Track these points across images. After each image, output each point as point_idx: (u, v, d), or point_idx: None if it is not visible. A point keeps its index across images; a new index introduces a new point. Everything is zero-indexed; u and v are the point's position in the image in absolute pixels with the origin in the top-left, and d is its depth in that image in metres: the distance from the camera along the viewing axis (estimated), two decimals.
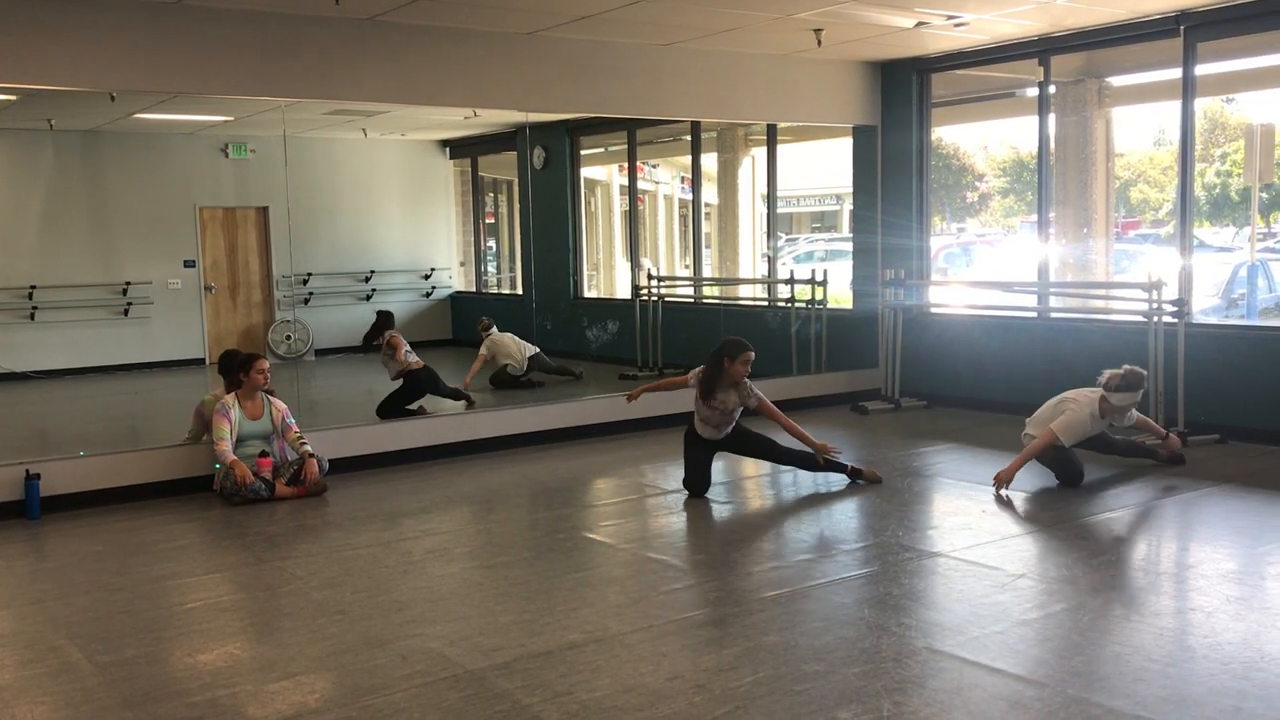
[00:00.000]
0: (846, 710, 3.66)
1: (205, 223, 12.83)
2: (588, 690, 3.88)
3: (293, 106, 8.44)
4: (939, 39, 9.12)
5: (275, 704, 3.85)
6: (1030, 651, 4.22)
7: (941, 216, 18.05)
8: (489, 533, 6.41)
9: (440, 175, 14.32)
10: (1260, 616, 4.50)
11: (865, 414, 9.71)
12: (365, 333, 10.09)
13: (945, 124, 11.29)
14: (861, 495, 6.98)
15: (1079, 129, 10.36)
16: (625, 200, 13.63)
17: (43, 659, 4.36)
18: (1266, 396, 7.89)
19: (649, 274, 12.50)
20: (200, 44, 7.16)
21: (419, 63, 7.97)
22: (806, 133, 11.83)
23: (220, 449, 6.90)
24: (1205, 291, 11.27)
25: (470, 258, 14.60)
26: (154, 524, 6.46)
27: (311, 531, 6.32)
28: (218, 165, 12.85)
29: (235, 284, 13.00)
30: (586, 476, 7.68)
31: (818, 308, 10.64)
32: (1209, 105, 16.46)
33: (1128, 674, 3.93)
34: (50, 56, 6.74)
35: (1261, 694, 3.74)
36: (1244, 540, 5.66)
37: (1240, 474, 7.05)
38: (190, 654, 4.38)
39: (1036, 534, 5.86)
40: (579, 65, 8.66)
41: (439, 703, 3.81)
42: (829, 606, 4.75)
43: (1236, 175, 16.86)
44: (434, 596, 5.02)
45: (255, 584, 5.35)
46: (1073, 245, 10.64)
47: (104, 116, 11.13)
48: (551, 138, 12.92)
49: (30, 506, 6.62)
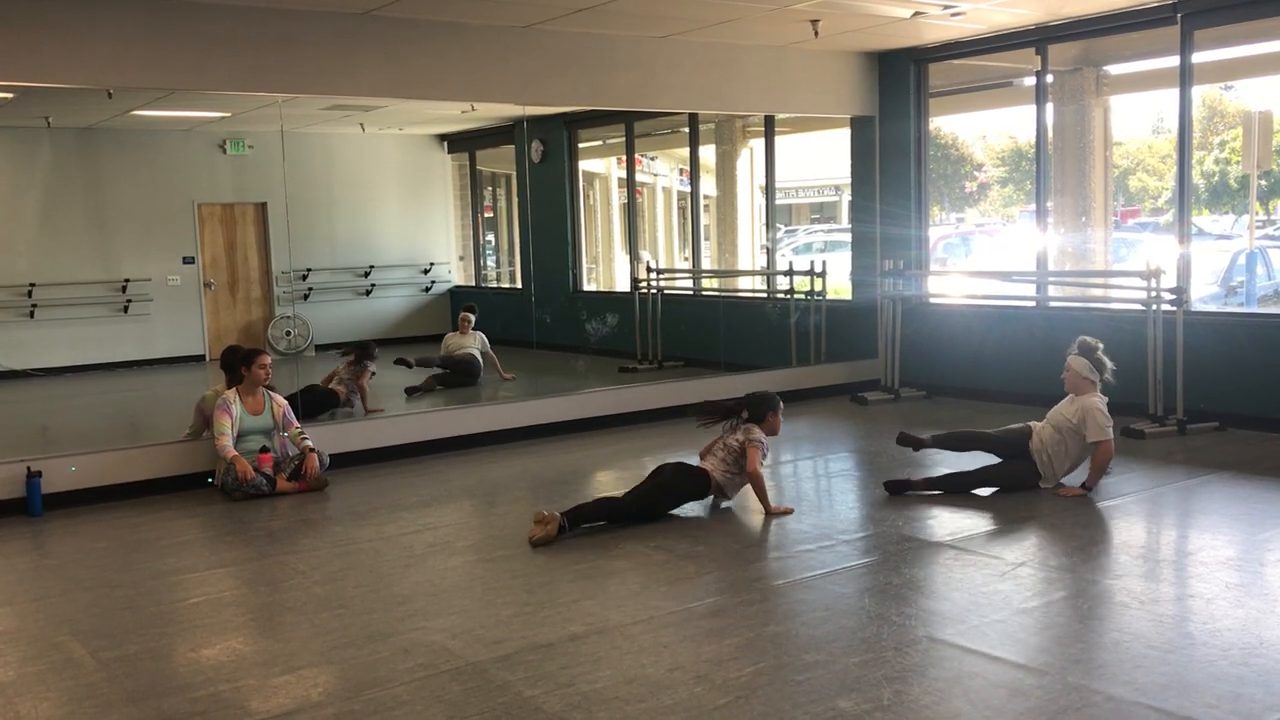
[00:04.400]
0: (847, 699, 3.67)
1: (204, 219, 12.83)
2: (589, 682, 3.89)
3: (290, 102, 8.43)
4: (936, 29, 9.11)
5: (278, 698, 3.86)
6: (1030, 639, 4.24)
7: (940, 206, 18.04)
8: (490, 526, 6.42)
9: (438, 169, 14.32)
10: (1259, 603, 4.51)
11: (865, 404, 9.72)
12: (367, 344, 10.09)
13: (943, 114, 11.28)
14: (861, 486, 7.00)
15: (1077, 118, 10.34)
16: (624, 193, 13.62)
17: (46, 655, 4.37)
18: (1265, 384, 7.90)
19: (648, 267, 12.50)
20: (197, 40, 7.16)
21: (416, 57, 7.97)
22: (804, 124, 11.83)
23: (221, 444, 6.91)
24: (1204, 279, 11.27)
25: (469, 252, 14.61)
26: (156, 520, 6.47)
27: (313, 526, 6.33)
28: (216, 161, 12.84)
29: (234, 280, 13.01)
30: (587, 469, 7.69)
31: (817, 299, 10.64)
32: (1207, 93, 16.43)
33: (1127, 661, 3.94)
34: (47, 53, 6.74)
35: (1261, 680, 3.75)
36: (1243, 527, 5.67)
37: (1239, 461, 7.06)
38: (193, 649, 4.40)
39: (1036, 522, 5.86)
40: (576, 58, 8.66)
41: (441, 695, 3.82)
42: (829, 596, 4.76)
43: (1235, 162, 16.85)
44: (435, 590, 5.03)
45: (257, 579, 5.36)
46: (1071, 234, 10.64)
47: (101, 113, 11.12)
48: (549, 131, 12.91)
49: (32, 504, 6.64)
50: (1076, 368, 6.46)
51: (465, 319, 10.95)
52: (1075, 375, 6.46)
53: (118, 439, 8.91)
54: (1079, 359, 6.48)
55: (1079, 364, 6.46)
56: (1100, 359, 6.46)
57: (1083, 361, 6.46)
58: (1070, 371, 6.48)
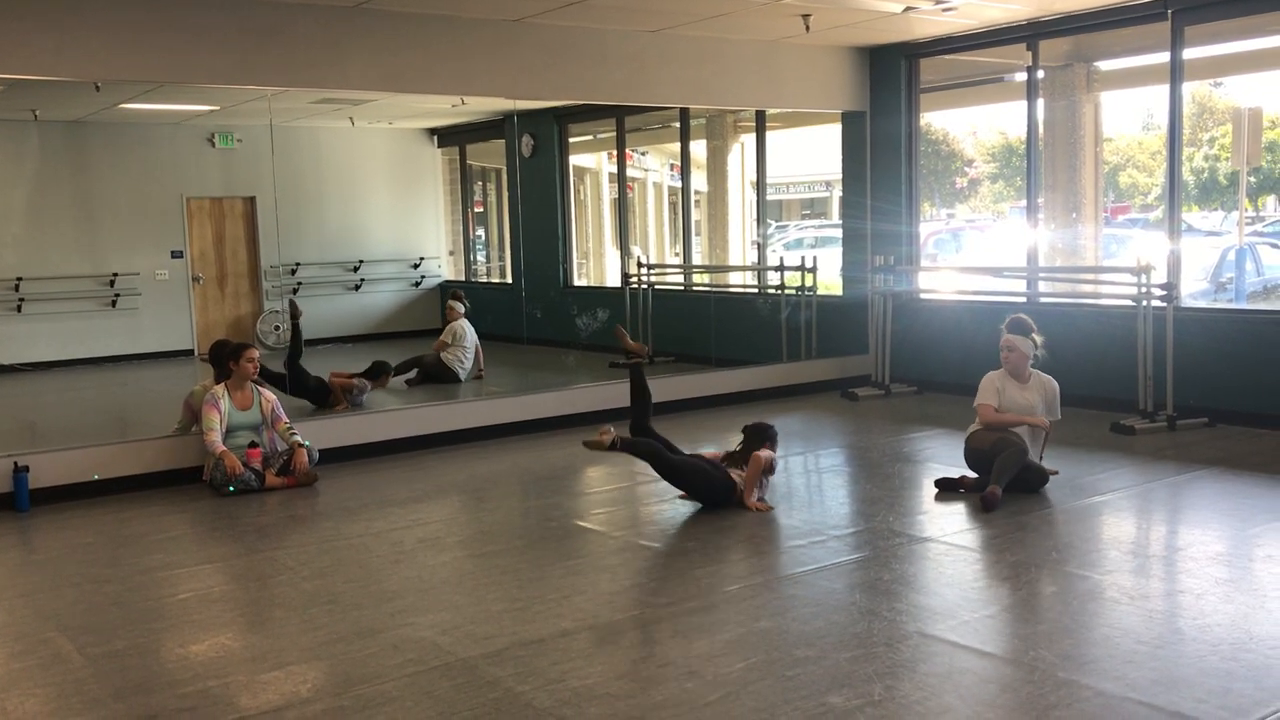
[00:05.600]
0: (838, 695, 3.67)
1: (192, 213, 12.77)
2: (580, 677, 3.88)
3: (279, 95, 8.41)
4: (927, 24, 9.10)
5: (267, 694, 3.84)
6: (1020, 635, 4.24)
7: (931, 202, 18.04)
8: (480, 521, 6.41)
9: (428, 164, 14.28)
10: (1249, 599, 4.52)
11: (855, 400, 9.72)
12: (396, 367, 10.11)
13: (934, 109, 11.28)
14: (852, 481, 7.00)
15: (1067, 114, 10.36)
16: (614, 188, 13.61)
17: (33, 651, 4.34)
18: (1254, 380, 7.92)
19: (639, 262, 12.48)
20: (185, 32, 7.12)
21: (406, 50, 7.93)
22: (795, 119, 11.82)
23: (210, 440, 6.88)
24: (1194, 275, 11.31)
25: (459, 246, 14.58)
26: (144, 515, 6.44)
27: (302, 522, 6.31)
28: (204, 155, 12.78)
29: (223, 274, 12.96)
30: (577, 464, 7.67)
31: (808, 294, 10.64)
32: (1197, 89, 16.46)
33: (1118, 656, 3.95)
34: (34, 46, 6.69)
35: (1250, 675, 3.75)
36: (1232, 523, 5.68)
37: (1228, 457, 7.07)
38: (181, 645, 4.38)
39: (1026, 519, 5.87)
40: (567, 52, 8.63)
41: (431, 691, 3.81)
42: (820, 592, 4.76)
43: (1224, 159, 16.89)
44: (425, 586, 5.02)
45: (246, 574, 5.34)
46: (1062, 230, 10.65)
47: (89, 106, 11.06)
48: (540, 125, 12.88)
49: (19, 499, 6.60)
50: (1023, 347, 6.35)
51: (453, 308, 10.80)
52: (1022, 356, 6.36)
53: (106, 434, 8.87)
54: (1021, 338, 6.37)
55: (1024, 344, 6.36)
56: (1035, 338, 6.42)
57: (1026, 341, 6.36)
58: (1017, 351, 6.36)
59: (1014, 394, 6.37)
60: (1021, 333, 6.38)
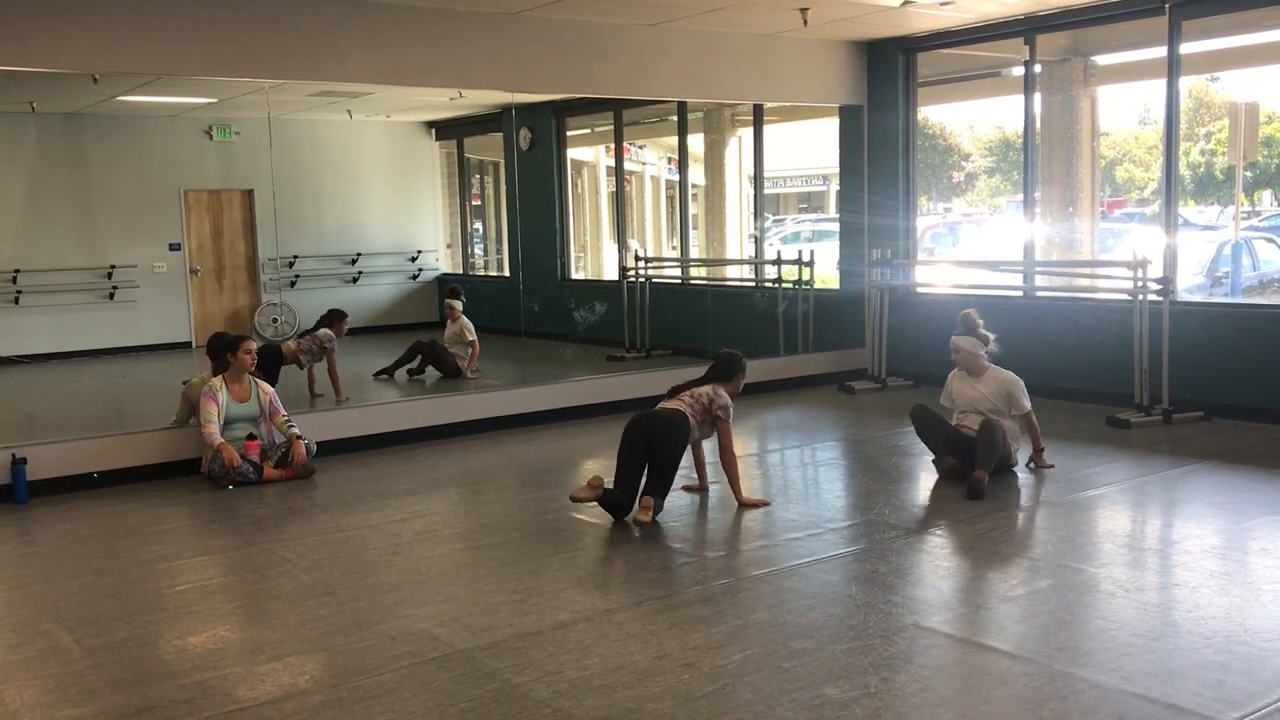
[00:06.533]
0: (834, 687, 3.69)
1: (190, 206, 12.76)
2: (577, 669, 3.90)
3: (277, 88, 8.40)
4: (925, 18, 9.10)
5: (265, 685, 3.86)
6: (1016, 627, 4.26)
7: (928, 196, 18.06)
8: (477, 514, 6.42)
9: (426, 157, 14.28)
10: (1243, 591, 4.54)
11: (852, 394, 9.74)
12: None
13: (931, 103, 11.31)
14: (848, 474, 7.02)
15: (1064, 108, 10.37)
16: (612, 181, 13.61)
17: (31, 643, 4.35)
18: (1250, 374, 7.94)
19: (636, 255, 12.49)
20: (184, 25, 7.11)
21: (403, 43, 7.93)
22: (793, 113, 11.82)
23: (207, 432, 6.89)
24: (1190, 270, 11.33)
25: (457, 239, 14.57)
26: (142, 507, 6.45)
27: (300, 514, 6.32)
28: (202, 148, 12.77)
29: (221, 267, 12.95)
30: (574, 457, 7.69)
31: (804, 288, 10.65)
32: (1194, 84, 16.49)
33: (1113, 649, 3.97)
34: (30, 37, 6.68)
35: (1244, 667, 3.77)
36: (1227, 516, 5.70)
37: (1224, 451, 7.09)
38: (179, 636, 4.39)
39: (1021, 512, 5.89)
40: (565, 45, 8.63)
41: (429, 683, 3.82)
42: (816, 584, 4.77)
43: (1221, 153, 16.91)
44: (423, 577, 5.03)
45: (244, 566, 5.35)
46: (1058, 224, 10.67)
47: (87, 99, 11.05)
48: (538, 119, 12.88)
49: (17, 491, 6.60)
50: (969, 347, 6.59)
51: (452, 308, 10.80)
52: (969, 355, 6.59)
53: (104, 426, 8.87)
54: (967, 338, 6.61)
55: (968, 343, 6.60)
56: (984, 334, 6.63)
57: (971, 339, 6.60)
58: (962, 352, 6.61)
59: (964, 389, 6.66)
60: (968, 332, 6.62)
